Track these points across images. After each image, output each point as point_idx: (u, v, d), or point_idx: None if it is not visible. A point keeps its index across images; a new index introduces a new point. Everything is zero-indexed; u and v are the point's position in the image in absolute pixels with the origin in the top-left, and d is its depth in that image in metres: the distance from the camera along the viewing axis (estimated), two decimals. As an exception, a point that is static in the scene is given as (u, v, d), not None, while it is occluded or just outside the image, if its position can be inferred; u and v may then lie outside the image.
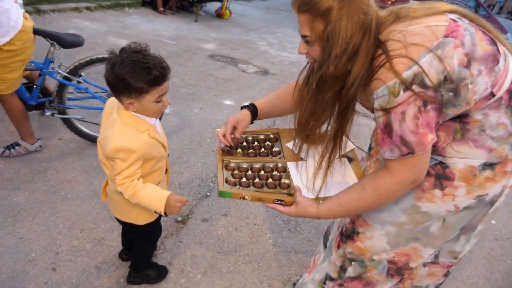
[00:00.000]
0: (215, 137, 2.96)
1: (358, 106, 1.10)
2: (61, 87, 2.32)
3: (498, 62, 0.94)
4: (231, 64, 5.06)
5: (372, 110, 1.02)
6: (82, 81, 2.35)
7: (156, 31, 5.75)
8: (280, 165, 1.34)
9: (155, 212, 1.26)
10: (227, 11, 8.08)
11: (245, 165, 1.33)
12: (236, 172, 1.29)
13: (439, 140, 1.04)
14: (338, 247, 1.35)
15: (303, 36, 1.01)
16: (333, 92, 1.02)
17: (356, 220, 1.27)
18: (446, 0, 8.82)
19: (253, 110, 1.35)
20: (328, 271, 1.40)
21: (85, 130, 2.55)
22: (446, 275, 1.25)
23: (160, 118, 2.49)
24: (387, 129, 0.96)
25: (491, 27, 1.00)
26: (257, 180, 1.27)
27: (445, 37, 0.89)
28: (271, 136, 1.46)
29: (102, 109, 1.41)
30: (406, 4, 1.03)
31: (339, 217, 1.39)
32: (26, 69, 2.13)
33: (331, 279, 1.38)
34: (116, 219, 1.50)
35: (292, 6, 0.99)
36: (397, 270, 1.22)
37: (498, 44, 0.97)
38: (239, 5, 10.11)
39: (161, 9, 7.00)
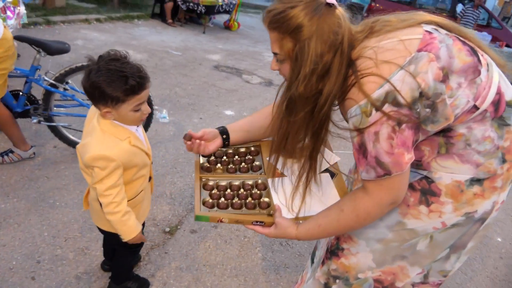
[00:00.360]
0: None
1: (332, 127, 1.05)
2: (48, 94, 2.31)
3: (479, 73, 0.88)
4: (236, 74, 5.07)
5: None
6: (69, 88, 2.34)
7: (163, 42, 5.82)
8: (260, 181, 1.30)
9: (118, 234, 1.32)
10: (235, 23, 8.16)
11: (224, 183, 1.28)
12: (214, 191, 1.25)
13: (424, 155, 0.99)
14: (323, 263, 1.29)
15: (274, 54, 0.98)
16: (305, 113, 0.98)
17: (341, 236, 1.21)
18: (459, 14, 8.56)
19: (223, 130, 1.32)
20: (312, 289, 1.34)
21: (72, 137, 2.52)
22: None
23: (146, 128, 2.48)
24: (362, 149, 0.92)
25: (473, 35, 0.94)
26: (236, 200, 1.23)
27: (419, 51, 0.85)
28: (252, 149, 1.40)
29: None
30: (381, 16, 0.99)
31: (319, 238, 1.35)
32: (12, 76, 2.13)
33: (314, 297, 1.32)
34: (98, 228, 1.47)
35: (263, 23, 0.96)
36: (383, 290, 1.16)
37: (480, 54, 0.91)
38: (249, 17, 10.19)
39: (170, 21, 7.10)
